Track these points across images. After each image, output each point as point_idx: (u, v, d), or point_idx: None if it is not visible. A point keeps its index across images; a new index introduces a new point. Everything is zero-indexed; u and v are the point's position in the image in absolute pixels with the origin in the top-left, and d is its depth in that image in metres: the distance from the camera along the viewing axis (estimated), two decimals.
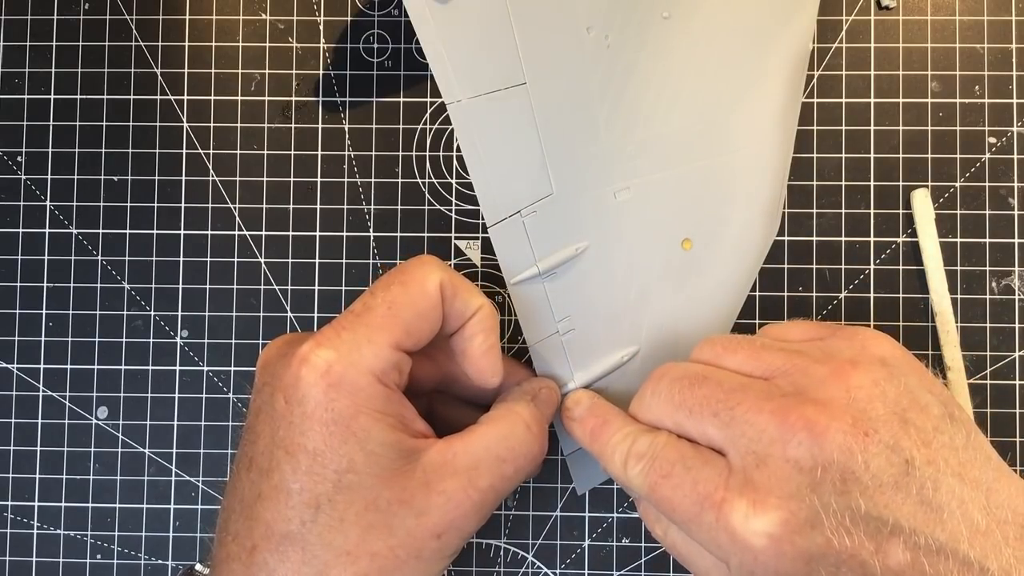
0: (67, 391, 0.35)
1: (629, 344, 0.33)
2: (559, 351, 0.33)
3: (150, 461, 0.35)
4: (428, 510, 0.26)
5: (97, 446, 0.35)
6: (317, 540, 0.25)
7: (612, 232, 0.32)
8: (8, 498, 0.35)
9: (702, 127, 0.32)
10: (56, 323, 0.35)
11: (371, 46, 0.35)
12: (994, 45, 0.35)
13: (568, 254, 0.32)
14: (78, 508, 0.35)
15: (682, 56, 0.32)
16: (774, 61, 0.33)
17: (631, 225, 0.32)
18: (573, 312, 0.32)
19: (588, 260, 0.32)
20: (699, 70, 0.32)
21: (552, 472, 0.35)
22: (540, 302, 0.32)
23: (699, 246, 0.33)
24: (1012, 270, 0.34)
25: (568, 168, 0.31)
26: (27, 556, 0.35)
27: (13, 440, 0.35)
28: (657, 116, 0.32)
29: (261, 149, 0.35)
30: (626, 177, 0.32)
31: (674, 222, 0.33)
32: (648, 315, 0.33)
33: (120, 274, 0.35)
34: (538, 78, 0.30)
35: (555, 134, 0.30)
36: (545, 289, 0.32)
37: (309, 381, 0.26)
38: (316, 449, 0.26)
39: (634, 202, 0.32)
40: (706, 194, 0.33)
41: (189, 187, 0.35)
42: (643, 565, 0.35)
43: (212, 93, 0.35)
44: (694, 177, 0.33)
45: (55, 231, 0.35)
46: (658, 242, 0.33)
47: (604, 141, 0.31)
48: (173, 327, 0.35)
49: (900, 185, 0.35)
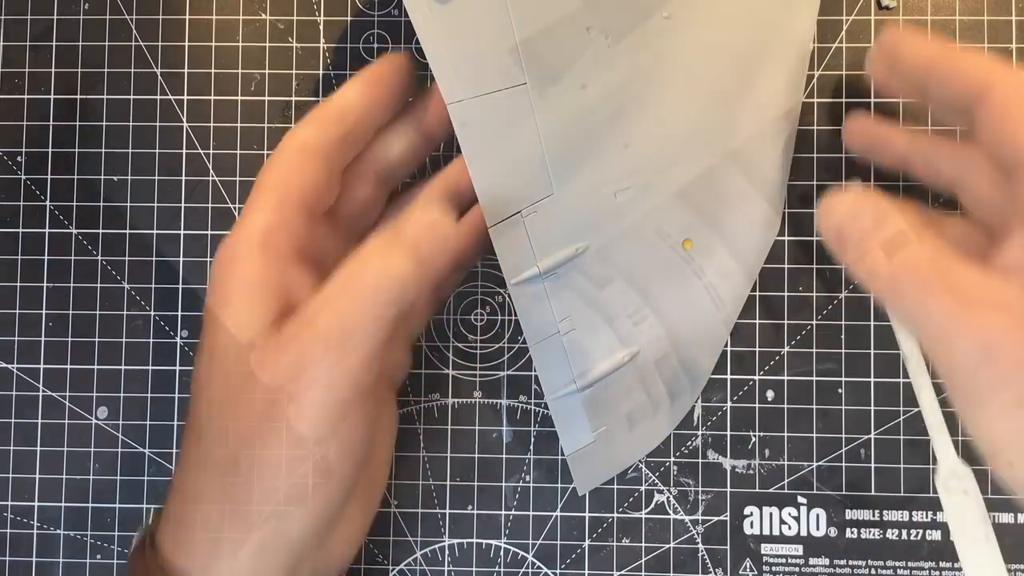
0: (67, 391, 0.35)
1: (629, 345, 0.33)
2: (560, 352, 0.32)
3: (150, 461, 0.35)
4: (276, 367, 0.26)
5: (97, 446, 0.35)
6: (206, 423, 0.27)
7: (613, 232, 0.32)
8: (8, 498, 0.35)
9: (703, 127, 0.32)
10: (56, 323, 0.35)
11: (371, 46, 0.35)
12: (994, 45, 0.35)
13: (568, 254, 0.31)
14: (78, 508, 0.35)
15: (683, 56, 0.31)
16: (774, 61, 0.33)
17: (632, 225, 0.32)
18: (573, 312, 0.32)
19: (589, 260, 0.32)
20: (700, 70, 0.32)
21: (552, 472, 0.35)
22: (541, 302, 0.32)
23: (700, 246, 0.33)
24: None
25: (569, 168, 0.31)
26: (27, 556, 0.35)
27: (13, 440, 0.35)
28: (658, 116, 0.32)
29: (261, 149, 0.35)
30: (627, 177, 0.32)
31: (675, 222, 0.33)
32: (648, 316, 0.33)
33: (120, 274, 0.35)
34: (538, 78, 0.29)
35: (555, 134, 0.30)
36: (546, 289, 0.32)
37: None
38: (220, 326, 0.27)
39: (635, 202, 0.32)
40: (707, 194, 0.33)
41: (189, 187, 0.35)
42: (643, 565, 0.35)
43: (212, 93, 0.35)
44: (695, 177, 0.32)
45: (55, 231, 0.35)
46: (659, 242, 0.33)
47: (605, 141, 0.31)
48: (173, 327, 0.35)
49: (900, 185, 0.35)
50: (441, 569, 0.35)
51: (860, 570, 0.34)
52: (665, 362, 0.34)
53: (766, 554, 0.34)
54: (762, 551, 0.34)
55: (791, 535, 0.34)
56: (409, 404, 0.35)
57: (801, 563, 0.34)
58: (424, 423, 0.35)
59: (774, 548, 0.34)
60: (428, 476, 0.35)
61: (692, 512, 0.35)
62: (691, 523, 0.35)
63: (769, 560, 0.34)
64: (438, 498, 0.35)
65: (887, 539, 0.34)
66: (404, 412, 0.35)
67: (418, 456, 0.35)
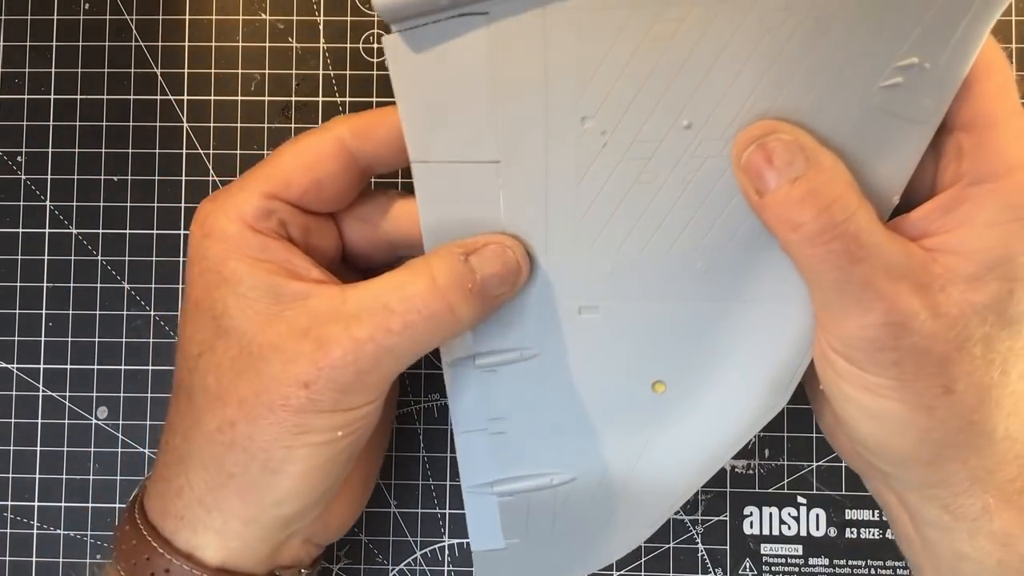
0: (67, 391, 0.35)
1: (565, 469, 0.29)
2: (484, 449, 0.29)
3: (150, 461, 0.35)
4: (296, 357, 0.25)
5: (97, 446, 0.35)
6: (198, 386, 0.26)
7: (569, 349, 0.28)
8: (8, 498, 0.35)
9: (704, 265, 0.27)
10: (56, 323, 0.35)
11: (371, 46, 0.35)
12: None
13: (511, 357, 0.28)
14: (78, 508, 0.35)
15: (696, 176, 0.26)
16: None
17: (593, 348, 0.28)
18: (508, 416, 0.29)
19: (535, 368, 0.28)
20: (715, 196, 0.26)
21: None
22: (472, 392, 0.29)
23: (673, 393, 0.28)
24: None
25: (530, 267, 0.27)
26: (27, 556, 0.35)
27: (13, 440, 0.35)
28: (648, 238, 0.27)
29: (261, 149, 0.35)
30: (596, 295, 0.27)
31: (646, 359, 0.28)
32: (594, 448, 0.29)
33: (120, 274, 0.35)
34: (513, 161, 0.26)
35: (522, 225, 0.27)
36: (481, 381, 0.29)
37: (192, 235, 0.27)
38: (197, 298, 0.26)
39: (601, 324, 0.28)
40: (694, 340, 0.28)
41: (189, 187, 0.35)
42: (643, 565, 0.35)
43: (212, 93, 0.35)
44: (682, 317, 0.27)
45: (55, 231, 0.35)
46: (622, 376, 0.28)
47: (577, 248, 0.27)
48: (173, 327, 0.35)
49: None
50: (441, 569, 0.35)
51: (860, 570, 0.34)
52: (604, 502, 0.30)
53: (766, 554, 0.34)
54: (762, 551, 0.34)
55: (791, 535, 0.34)
56: (409, 404, 0.35)
57: (801, 563, 0.34)
58: (424, 423, 0.35)
59: (774, 548, 0.34)
60: (428, 476, 0.35)
61: (692, 512, 0.35)
62: (691, 523, 0.35)
63: (769, 560, 0.34)
64: (438, 498, 0.35)
65: (887, 539, 0.34)
66: (404, 412, 0.35)
67: (418, 456, 0.35)
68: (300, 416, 0.25)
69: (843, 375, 0.25)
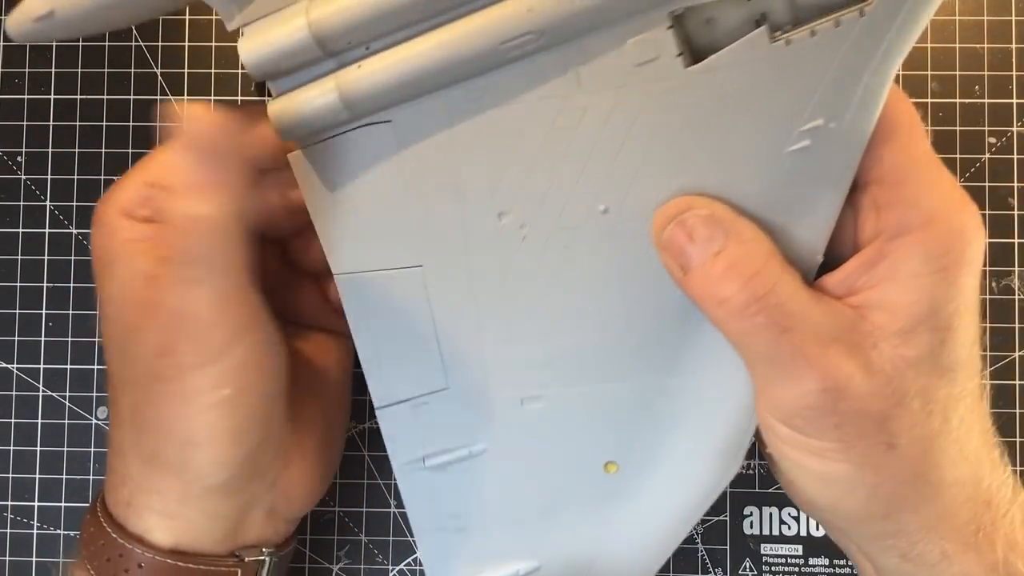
0: (67, 391, 0.35)
1: (530, 558, 0.29)
2: (445, 547, 0.29)
3: None
4: (151, 327, 0.25)
5: (97, 446, 0.35)
6: (112, 373, 0.27)
7: (517, 440, 0.28)
8: (8, 498, 0.35)
9: (636, 343, 0.27)
10: (56, 323, 0.35)
11: None
12: (994, 45, 0.35)
13: (461, 455, 0.28)
14: (78, 508, 0.35)
15: (619, 258, 0.26)
16: None
17: (540, 437, 0.28)
18: (465, 512, 0.29)
19: (486, 464, 0.28)
20: (641, 275, 0.26)
21: None
22: (426, 493, 0.29)
23: (627, 472, 0.28)
24: (1012, 270, 0.34)
25: (467, 365, 0.27)
26: (27, 556, 0.35)
27: (13, 440, 0.35)
28: (579, 323, 0.27)
29: None
30: (536, 385, 0.27)
31: (594, 442, 0.28)
32: (556, 534, 0.29)
33: None
34: (436, 263, 0.26)
35: (453, 327, 0.27)
36: (433, 481, 0.28)
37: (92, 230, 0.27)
38: (97, 287, 0.26)
39: (545, 413, 0.27)
40: (639, 417, 0.28)
41: None
42: None
43: (212, 93, 0.35)
44: (624, 397, 0.27)
45: (55, 231, 0.35)
46: (573, 461, 0.28)
47: (510, 342, 0.27)
48: None
49: None
50: None
51: None
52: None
53: (766, 554, 0.34)
54: (762, 551, 0.34)
55: (791, 535, 0.34)
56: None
57: (801, 563, 0.34)
58: None
59: (774, 548, 0.34)
60: None
61: None
62: None
63: (769, 560, 0.34)
64: None
65: None
66: None
67: None
68: (177, 384, 0.25)
69: (786, 441, 0.25)
